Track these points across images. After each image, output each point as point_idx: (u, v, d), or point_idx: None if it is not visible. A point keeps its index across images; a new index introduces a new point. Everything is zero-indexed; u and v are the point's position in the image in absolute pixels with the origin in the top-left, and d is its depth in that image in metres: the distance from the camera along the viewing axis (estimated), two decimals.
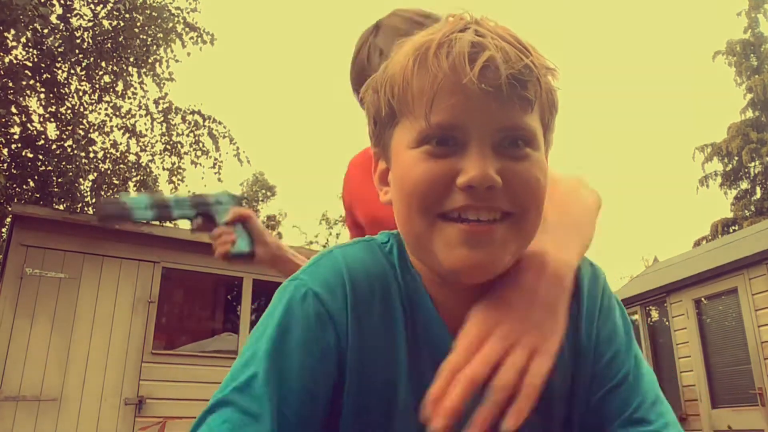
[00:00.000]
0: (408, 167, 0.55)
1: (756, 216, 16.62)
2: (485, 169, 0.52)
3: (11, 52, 6.32)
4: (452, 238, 0.54)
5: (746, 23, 18.68)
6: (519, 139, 0.55)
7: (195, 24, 7.38)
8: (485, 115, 0.53)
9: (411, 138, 0.55)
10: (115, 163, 7.16)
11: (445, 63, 0.53)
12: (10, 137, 6.61)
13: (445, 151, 0.54)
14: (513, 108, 0.53)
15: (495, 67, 0.52)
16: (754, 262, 6.62)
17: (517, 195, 0.54)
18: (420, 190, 0.54)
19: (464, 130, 0.53)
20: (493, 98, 0.52)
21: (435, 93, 0.53)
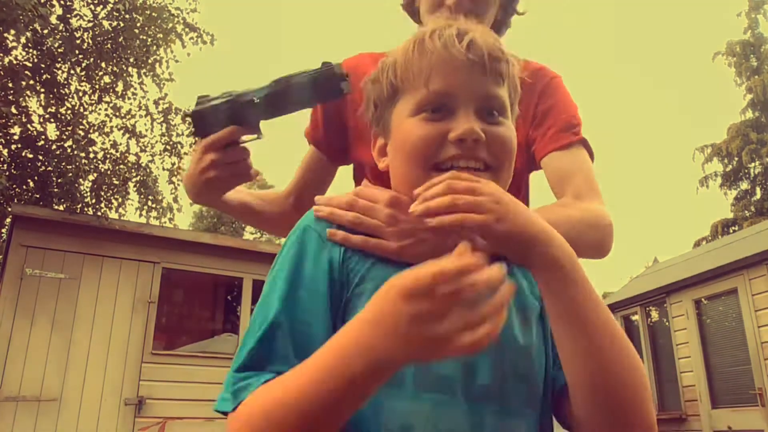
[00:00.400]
0: (409, 130, 0.68)
1: (756, 216, 16.62)
2: (472, 125, 0.65)
3: (11, 53, 6.33)
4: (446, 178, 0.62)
5: (746, 24, 18.69)
6: (494, 108, 0.68)
7: (195, 24, 7.38)
8: (470, 84, 0.67)
9: (410, 108, 0.68)
10: (115, 164, 7.15)
11: (438, 43, 0.67)
12: (10, 138, 6.61)
13: (438, 116, 0.67)
14: (490, 80, 0.68)
15: (477, 45, 0.67)
16: (754, 262, 6.62)
17: (495, 151, 0.67)
18: (420, 146, 0.67)
19: (454, 98, 0.67)
20: (476, 70, 0.67)
21: (432, 67, 0.67)
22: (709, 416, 7.03)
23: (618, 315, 8.83)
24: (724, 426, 6.76)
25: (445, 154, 0.66)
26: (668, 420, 7.57)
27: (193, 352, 6.04)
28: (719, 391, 7.06)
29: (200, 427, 5.47)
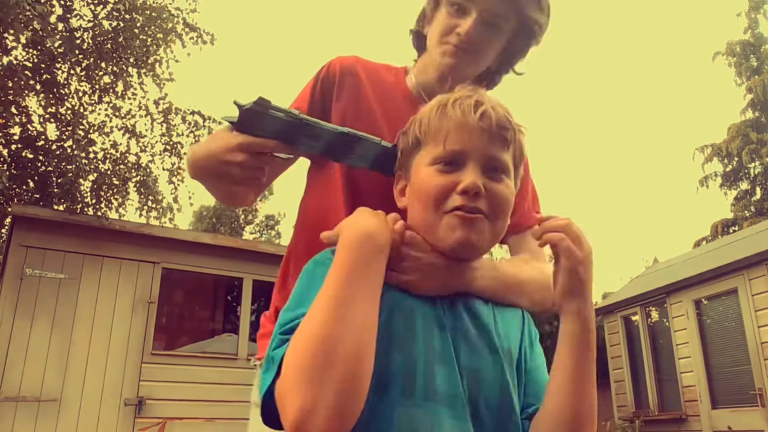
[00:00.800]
0: (426, 178, 0.83)
1: (756, 216, 16.62)
2: (476, 180, 0.80)
3: (11, 53, 6.32)
4: (453, 223, 0.80)
5: (746, 24, 18.69)
6: (497, 167, 0.83)
7: (195, 24, 7.37)
8: (479, 146, 0.82)
9: (428, 159, 0.84)
10: (115, 164, 7.14)
11: (458, 110, 0.83)
12: (10, 138, 6.61)
13: (449, 169, 0.82)
14: (496, 145, 0.83)
15: (488, 115, 0.82)
16: (754, 262, 6.62)
17: (493, 204, 0.81)
18: (433, 193, 0.81)
19: (464, 155, 0.82)
20: (485, 135, 0.82)
21: (450, 129, 0.83)
22: (709, 416, 7.03)
23: (618, 315, 8.83)
24: (724, 426, 6.76)
25: (452, 203, 0.80)
26: (668, 420, 7.57)
27: (193, 352, 6.04)
28: (719, 391, 7.06)
29: (200, 427, 5.47)
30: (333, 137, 0.92)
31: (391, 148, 0.93)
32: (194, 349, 6.21)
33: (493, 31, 1.06)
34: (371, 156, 0.95)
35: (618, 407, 8.64)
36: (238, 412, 5.59)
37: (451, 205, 0.80)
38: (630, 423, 8.07)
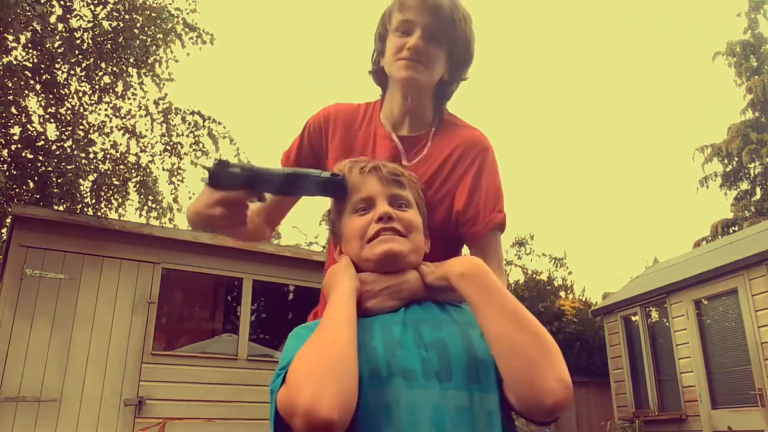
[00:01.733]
0: (351, 224, 1.09)
1: (756, 217, 16.62)
2: (387, 209, 1.06)
3: (11, 53, 6.32)
4: (376, 242, 1.04)
5: (746, 24, 18.68)
6: (401, 202, 1.09)
7: (195, 25, 7.37)
8: (381, 189, 1.09)
9: (349, 212, 1.10)
10: (115, 164, 7.14)
11: (356, 171, 1.11)
12: (10, 138, 6.61)
13: (365, 212, 1.08)
14: (394, 186, 1.10)
15: (380, 168, 1.10)
16: (754, 262, 6.62)
17: (404, 225, 1.06)
18: (359, 229, 1.07)
19: (373, 197, 1.08)
20: (384, 181, 1.09)
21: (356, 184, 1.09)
22: (709, 416, 7.03)
23: (618, 315, 8.83)
24: (724, 426, 6.76)
25: (372, 231, 1.05)
26: (668, 420, 7.57)
27: (193, 353, 6.03)
28: (719, 392, 7.06)
29: (200, 427, 5.47)
30: (281, 179, 1.11)
31: (330, 176, 1.11)
32: (194, 349, 6.21)
33: (434, 44, 1.23)
34: (315, 187, 1.11)
35: (618, 407, 8.64)
36: (238, 412, 5.59)
37: (371, 232, 1.04)
38: (630, 423, 8.07)
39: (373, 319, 0.99)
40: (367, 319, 0.99)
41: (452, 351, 0.93)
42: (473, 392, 0.90)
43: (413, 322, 0.98)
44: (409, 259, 1.05)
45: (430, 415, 0.86)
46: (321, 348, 0.85)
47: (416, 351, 0.92)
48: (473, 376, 0.91)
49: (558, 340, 8.32)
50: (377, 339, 0.94)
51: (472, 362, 0.92)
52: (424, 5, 1.20)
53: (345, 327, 0.90)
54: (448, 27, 1.22)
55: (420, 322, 0.98)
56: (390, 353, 0.92)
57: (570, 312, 10.67)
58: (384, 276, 1.03)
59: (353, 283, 1.00)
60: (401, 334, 0.95)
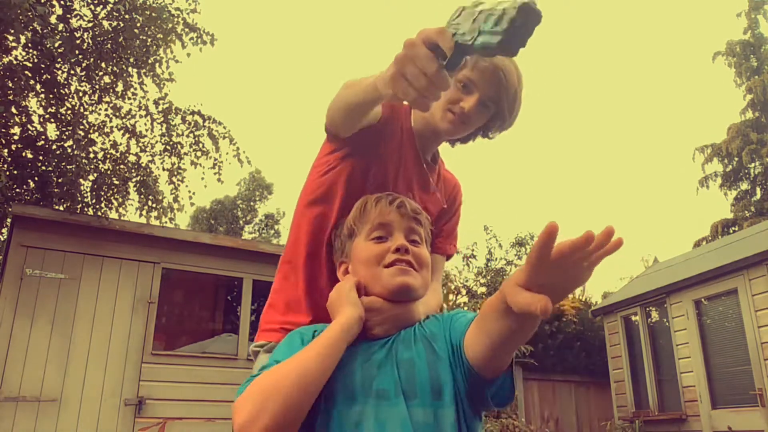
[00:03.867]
0: (366, 248, 1.13)
1: (756, 217, 16.62)
2: (404, 242, 1.11)
3: (11, 53, 6.32)
4: (392, 273, 1.09)
5: (746, 24, 18.69)
6: (416, 238, 1.15)
7: (195, 25, 7.36)
8: (401, 221, 1.14)
9: (365, 236, 1.14)
10: (115, 164, 7.13)
11: (382, 202, 1.16)
12: (10, 138, 6.60)
13: (382, 240, 1.13)
14: (412, 222, 1.15)
15: (404, 204, 1.16)
16: (754, 262, 6.62)
17: (417, 260, 1.11)
18: (375, 255, 1.11)
19: (391, 226, 1.13)
20: (405, 216, 1.15)
21: (377, 213, 1.15)
22: (709, 416, 7.03)
23: (618, 315, 8.83)
24: (724, 426, 6.76)
25: (389, 259, 1.09)
26: (668, 420, 7.57)
27: (193, 352, 6.04)
28: (719, 392, 7.06)
29: (200, 427, 5.47)
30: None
31: None
32: (194, 349, 6.21)
33: (485, 112, 1.31)
34: None
35: (618, 407, 8.64)
36: None
37: (388, 260, 1.09)
38: (630, 423, 8.07)
39: (360, 342, 1.05)
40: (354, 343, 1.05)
41: (418, 370, 1.01)
42: (437, 408, 0.97)
43: (393, 341, 1.06)
44: (419, 293, 1.12)
45: (398, 431, 0.94)
46: (281, 374, 0.93)
47: (391, 371, 1.00)
48: (435, 394, 0.99)
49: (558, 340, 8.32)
50: (358, 362, 1.02)
51: (434, 380, 1.00)
52: (494, 78, 1.26)
53: (319, 361, 0.96)
54: (505, 105, 1.30)
55: (398, 341, 1.06)
56: (367, 376, 1.00)
57: (570, 312, 10.66)
58: (392, 305, 1.09)
59: (358, 312, 1.05)
60: (383, 355, 1.04)
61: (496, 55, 0.86)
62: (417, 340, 1.06)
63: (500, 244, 12.98)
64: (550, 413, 9.47)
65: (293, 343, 1.06)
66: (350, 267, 1.17)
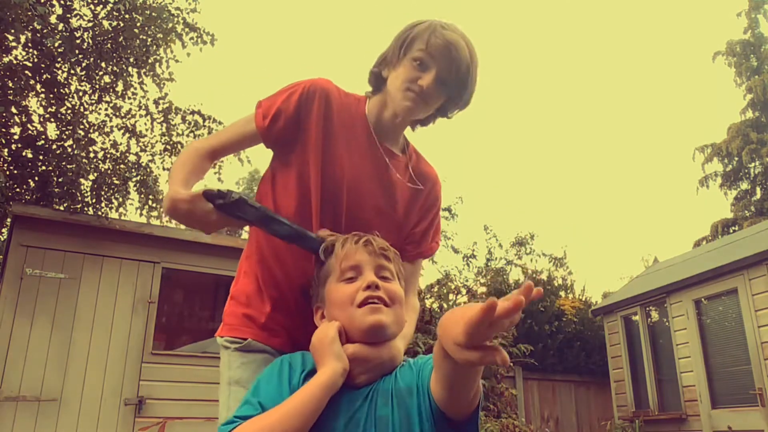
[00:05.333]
0: (338, 291, 1.15)
1: (756, 216, 16.62)
2: (373, 278, 1.12)
3: (11, 53, 6.32)
4: (364, 312, 1.09)
5: (746, 24, 18.69)
6: (386, 274, 1.16)
7: (195, 24, 7.37)
8: (369, 259, 1.16)
9: (336, 278, 1.16)
10: (116, 163, 7.13)
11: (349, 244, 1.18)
12: (10, 137, 6.60)
13: (352, 280, 1.14)
14: (381, 259, 1.17)
15: (371, 242, 1.18)
16: (754, 262, 6.62)
17: (389, 296, 1.12)
18: (347, 296, 1.12)
19: (360, 266, 1.15)
20: (372, 254, 1.16)
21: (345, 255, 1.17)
22: (709, 416, 7.03)
23: (618, 315, 8.83)
24: (724, 426, 6.76)
25: (360, 298, 1.10)
26: (668, 420, 7.57)
27: (193, 352, 6.03)
28: (719, 391, 7.07)
29: (200, 427, 5.47)
30: (288, 231, 1.23)
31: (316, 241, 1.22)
32: (194, 349, 6.20)
33: (443, 88, 1.32)
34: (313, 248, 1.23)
35: (618, 407, 8.64)
36: None
37: (360, 299, 1.10)
38: (630, 423, 8.07)
39: (343, 391, 1.08)
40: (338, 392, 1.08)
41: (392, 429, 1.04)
42: None
43: (373, 392, 1.09)
44: (392, 330, 1.13)
45: None
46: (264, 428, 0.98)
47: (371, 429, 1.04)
48: None
49: (558, 340, 8.32)
50: (341, 421, 1.05)
51: None
52: (446, 52, 1.28)
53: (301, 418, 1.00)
54: (459, 79, 1.32)
55: (377, 393, 1.09)
56: None
57: (570, 312, 10.66)
58: (375, 350, 1.10)
59: (342, 366, 1.07)
60: (365, 412, 1.07)
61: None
62: (394, 396, 1.07)
63: (500, 244, 12.98)
64: (550, 413, 9.48)
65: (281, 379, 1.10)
66: (325, 311, 1.19)
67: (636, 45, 36.31)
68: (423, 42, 1.28)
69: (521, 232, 13.39)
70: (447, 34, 1.28)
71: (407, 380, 1.10)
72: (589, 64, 36.22)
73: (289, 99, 1.33)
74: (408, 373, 1.12)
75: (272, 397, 1.06)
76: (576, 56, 36.28)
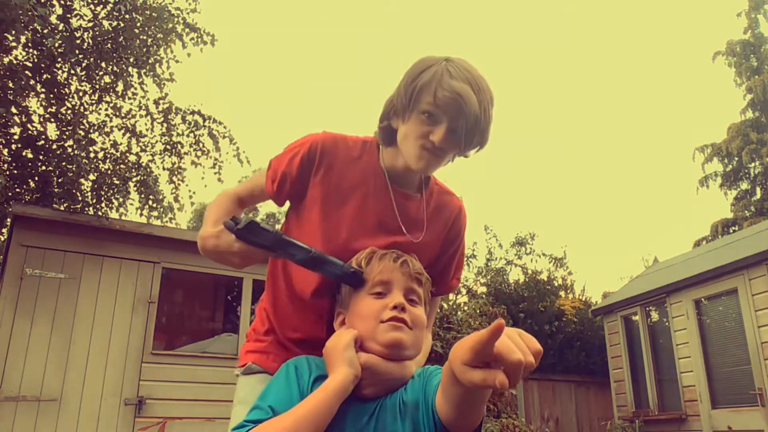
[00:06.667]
0: (366, 304, 1.16)
1: (756, 216, 16.62)
2: (402, 300, 1.14)
3: (11, 53, 6.32)
4: (386, 328, 1.11)
5: (746, 24, 18.68)
6: (414, 298, 1.18)
7: (195, 25, 7.37)
8: (401, 279, 1.17)
9: (365, 290, 1.18)
10: (116, 163, 7.14)
11: (386, 259, 1.20)
12: (11, 137, 6.60)
13: (382, 296, 1.16)
14: (413, 282, 1.18)
15: (408, 263, 1.20)
16: (754, 262, 6.62)
17: (412, 319, 1.13)
18: (374, 311, 1.13)
19: (391, 284, 1.17)
20: (406, 275, 1.18)
21: (380, 270, 1.18)
22: (709, 416, 7.03)
23: (618, 315, 8.83)
24: (724, 426, 6.76)
25: (386, 315, 1.11)
26: (668, 420, 7.57)
27: (193, 352, 6.03)
28: (719, 391, 7.07)
29: (200, 427, 5.47)
30: (305, 256, 1.21)
31: (353, 271, 1.20)
32: (194, 349, 6.21)
33: (455, 139, 1.28)
34: (336, 274, 1.21)
35: (618, 407, 8.64)
36: None
37: (385, 316, 1.11)
38: (630, 423, 8.07)
39: (350, 402, 1.08)
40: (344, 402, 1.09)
41: None
42: None
43: (381, 408, 1.10)
44: (409, 352, 1.14)
45: None
46: None
47: None
48: None
49: (558, 340, 8.28)
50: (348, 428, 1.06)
51: None
52: (455, 105, 1.24)
53: (312, 424, 1.01)
54: (471, 130, 1.28)
55: (385, 409, 1.10)
56: None
57: (570, 312, 10.67)
58: (387, 365, 1.11)
59: (353, 373, 1.08)
60: (372, 427, 1.08)
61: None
62: (404, 410, 1.08)
63: (500, 243, 12.98)
64: (550, 413, 9.48)
65: (290, 382, 1.11)
66: (347, 318, 1.20)
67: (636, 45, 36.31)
68: (430, 95, 1.24)
69: (521, 232, 13.40)
70: (454, 84, 1.23)
71: (415, 393, 1.10)
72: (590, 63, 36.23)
73: (292, 162, 1.36)
74: (415, 386, 1.12)
75: (282, 400, 1.06)
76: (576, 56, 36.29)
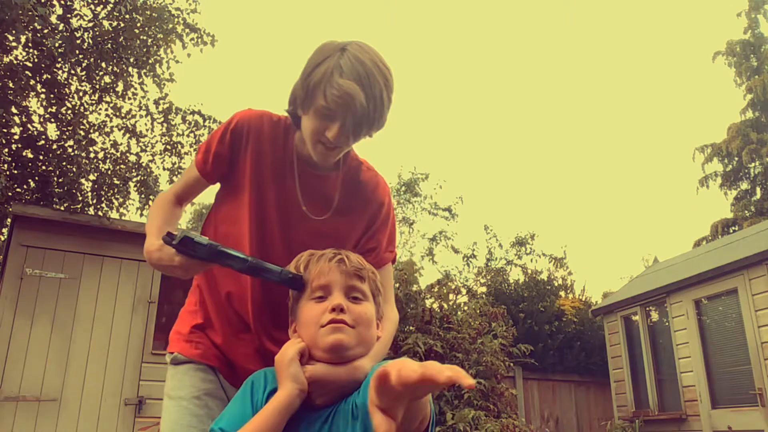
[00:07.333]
0: (307, 309, 1.15)
1: (756, 216, 16.61)
2: (340, 301, 1.11)
3: (11, 53, 6.32)
4: (327, 332, 1.09)
5: (746, 24, 18.68)
6: (356, 292, 1.15)
7: (195, 25, 7.37)
8: (341, 279, 1.15)
9: (307, 297, 1.16)
10: (116, 164, 7.14)
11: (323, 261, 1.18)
12: (11, 137, 6.60)
13: (322, 299, 1.14)
14: (353, 279, 1.16)
15: (344, 261, 1.17)
16: (754, 262, 6.62)
17: (355, 318, 1.12)
18: (314, 316, 1.12)
19: (330, 287, 1.14)
20: (344, 274, 1.15)
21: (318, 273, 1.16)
22: (709, 416, 7.03)
23: (618, 315, 8.83)
24: (724, 426, 6.76)
25: (325, 319, 1.10)
26: (668, 420, 7.57)
27: None
28: (719, 391, 7.06)
29: None
30: (243, 265, 1.20)
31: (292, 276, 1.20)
32: None
33: (351, 132, 1.32)
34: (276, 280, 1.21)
35: (618, 407, 8.64)
36: None
37: (324, 320, 1.10)
38: (630, 423, 8.07)
39: (304, 411, 1.09)
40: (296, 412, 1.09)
41: None
42: None
43: (335, 414, 1.09)
44: (355, 351, 1.12)
45: None
46: None
47: None
48: None
49: (558, 340, 8.25)
50: None
51: None
52: (344, 105, 1.26)
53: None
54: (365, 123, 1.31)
55: (339, 414, 1.08)
56: None
57: (570, 312, 10.67)
58: (334, 371, 1.10)
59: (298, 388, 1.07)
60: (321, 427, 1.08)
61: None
62: (356, 414, 1.06)
63: (500, 244, 13.00)
64: (550, 413, 9.48)
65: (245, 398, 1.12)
66: (296, 327, 1.19)
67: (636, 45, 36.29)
68: (321, 95, 1.28)
69: (521, 232, 13.42)
70: (343, 84, 1.25)
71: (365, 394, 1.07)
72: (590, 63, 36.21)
73: (222, 139, 1.40)
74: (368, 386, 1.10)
75: (236, 420, 1.07)
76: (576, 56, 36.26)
